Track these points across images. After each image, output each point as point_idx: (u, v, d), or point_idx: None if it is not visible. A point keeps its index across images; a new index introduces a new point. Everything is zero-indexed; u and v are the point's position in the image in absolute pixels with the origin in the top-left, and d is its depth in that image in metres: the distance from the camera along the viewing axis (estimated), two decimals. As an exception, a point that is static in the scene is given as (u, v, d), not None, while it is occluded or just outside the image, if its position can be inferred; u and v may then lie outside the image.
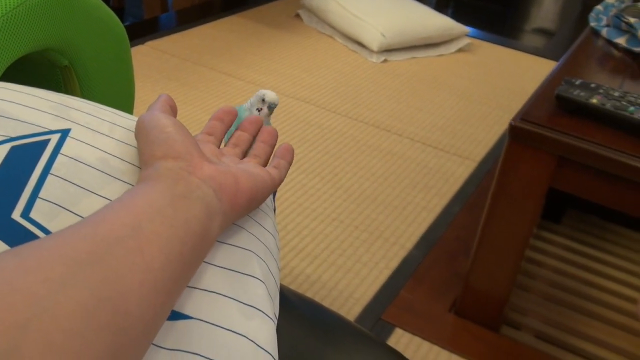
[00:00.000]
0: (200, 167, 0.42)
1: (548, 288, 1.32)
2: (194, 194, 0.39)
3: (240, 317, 0.43)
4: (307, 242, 1.36)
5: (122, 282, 0.30)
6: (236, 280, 0.44)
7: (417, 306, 1.22)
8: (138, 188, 0.38)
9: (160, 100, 0.48)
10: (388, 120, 1.93)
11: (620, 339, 1.22)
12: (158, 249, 0.33)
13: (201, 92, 1.97)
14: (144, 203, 0.36)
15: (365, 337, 0.57)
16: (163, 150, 0.42)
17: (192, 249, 0.37)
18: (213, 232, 0.40)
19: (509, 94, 2.23)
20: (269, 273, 0.49)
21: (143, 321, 0.31)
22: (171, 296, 0.35)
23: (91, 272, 0.29)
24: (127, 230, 0.33)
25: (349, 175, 1.63)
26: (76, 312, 0.27)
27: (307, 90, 2.07)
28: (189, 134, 0.45)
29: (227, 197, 0.42)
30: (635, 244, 1.49)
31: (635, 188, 0.95)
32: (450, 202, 1.57)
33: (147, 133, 0.43)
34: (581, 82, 1.05)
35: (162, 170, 0.40)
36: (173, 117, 0.46)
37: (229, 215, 0.42)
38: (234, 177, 0.43)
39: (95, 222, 0.33)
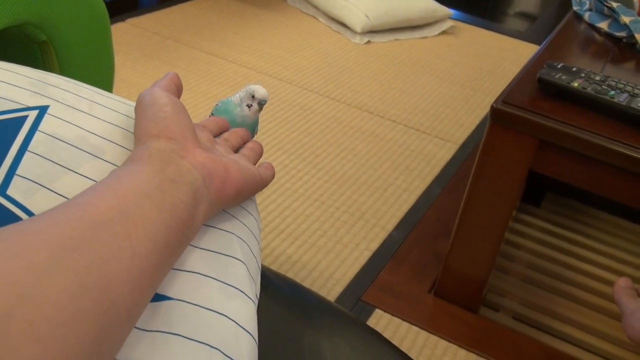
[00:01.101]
0: (193, 152, 0.41)
1: (526, 270, 1.33)
2: (183, 178, 0.38)
3: (221, 297, 0.42)
4: (289, 222, 1.36)
5: (108, 268, 0.29)
6: (218, 261, 0.44)
7: (397, 287, 1.23)
8: (126, 169, 0.37)
9: (167, 77, 0.47)
10: (371, 102, 1.93)
11: (597, 321, 1.23)
12: (145, 234, 0.33)
13: (183, 70, 1.95)
14: (131, 186, 0.35)
15: (344, 317, 0.57)
16: (158, 128, 0.41)
17: (178, 235, 0.36)
18: (198, 220, 0.39)
19: (491, 77, 2.24)
20: (250, 254, 0.48)
21: (127, 308, 0.31)
22: (155, 282, 0.34)
23: (77, 258, 0.28)
24: (114, 213, 0.32)
25: (330, 156, 1.62)
26: (61, 299, 0.26)
27: (289, 70, 2.06)
28: (188, 117, 0.44)
29: (216, 186, 0.41)
30: (613, 228, 1.51)
31: (615, 172, 0.96)
32: (431, 184, 1.57)
33: (145, 109, 0.43)
34: (563, 66, 1.06)
35: (153, 150, 0.39)
36: (174, 97, 0.45)
37: (215, 204, 0.42)
38: (224, 167, 0.43)
39: (82, 205, 0.32)
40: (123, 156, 0.45)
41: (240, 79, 1.95)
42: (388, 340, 0.57)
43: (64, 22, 0.78)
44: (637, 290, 1.04)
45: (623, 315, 0.98)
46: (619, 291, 1.02)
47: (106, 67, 0.90)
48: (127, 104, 0.52)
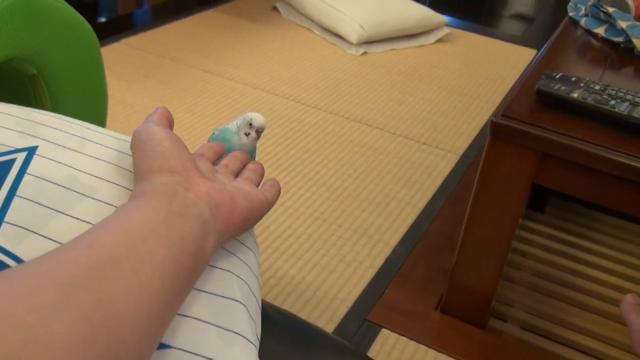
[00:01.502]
0: (197, 183, 0.41)
1: (533, 278, 1.32)
2: (190, 210, 0.38)
3: (220, 344, 0.41)
4: (290, 242, 1.34)
5: (117, 307, 0.29)
6: (216, 304, 0.43)
7: (403, 305, 1.21)
8: (132, 205, 0.37)
9: (157, 112, 0.47)
10: (369, 115, 1.92)
11: (605, 327, 1.22)
12: (152, 270, 0.32)
13: (179, 89, 1.94)
14: (138, 221, 0.34)
15: (347, 352, 0.56)
16: (159, 163, 0.40)
17: (187, 269, 0.35)
18: (207, 252, 0.39)
19: (489, 84, 2.22)
20: (250, 293, 0.47)
21: (137, 348, 0.30)
22: (165, 320, 0.33)
23: (84, 298, 0.28)
24: (121, 250, 0.32)
25: (331, 172, 1.61)
26: (69, 342, 0.26)
27: (286, 85, 2.05)
28: (186, 149, 0.44)
29: (223, 215, 0.41)
30: (619, 232, 1.50)
31: (618, 183, 0.95)
32: (433, 196, 1.56)
33: (143, 146, 0.42)
34: (561, 76, 1.04)
35: (157, 185, 0.39)
36: (170, 131, 0.45)
37: (224, 234, 0.41)
38: (230, 195, 0.42)
39: (88, 243, 0.32)
40: (115, 194, 0.44)
41: (237, 96, 1.94)
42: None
43: (53, 55, 0.77)
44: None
45: (631, 332, 0.97)
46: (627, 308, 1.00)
47: (99, 95, 0.88)
48: (120, 139, 0.51)
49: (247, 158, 0.54)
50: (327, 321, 1.15)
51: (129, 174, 0.46)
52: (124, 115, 1.76)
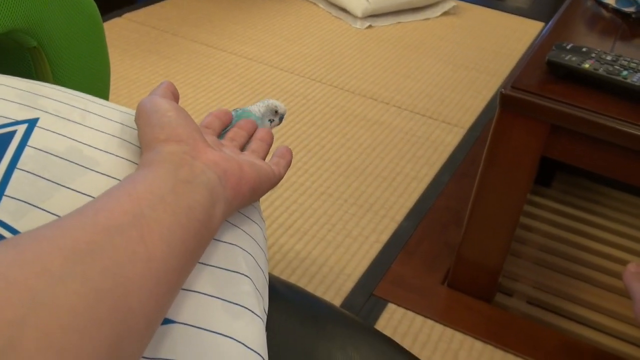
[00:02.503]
0: (204, 152, 0.40)
1: (539, 253, 1.31)
2: (197, 179, 0.37)
3: (226, 317, 0.40)
4: (296, 217, 1.33)
5: (123, 273, 0.29)
6: (221, 278, 0.42)
7: (409, 280, 1.20)
8: (139, 173, 0.36)
9: (162, 86, 0.46)
10: (374, 89, 1.90)
11: (611, 301, 1.21)
12: (160, 237, 0.32)
13: (182, 65, 1.92)
14: (145, 189, 0.34)
15: (357, 326, 0.55)
16: (166, 133, 0.40)
17: (195, 237, 0.35)
18: (216, 220, 0.38)
19: (496, 58, 2.20)
20: (256, 266, 0.46)
21: (144, 314, 0.30)
22: (173, 288, 0.33)
23: (91, 263, 0.28)
24: (128, 218, 0.31)
25: (336, 147, 1.60)
26: (75, 306, 0.26)
27: (291, 59, 2.03)
28: (192, 120, 0.43)
29: (231, 184, 0.40)
30: (625, 206, 1.48)
31: (630, 155, 0.93)
32: (439, 171, 1.54)
33: (149, 116, 0.42)
34: (572, 47, 1.02)
35: (164, 154, 0.38)
36: (175, 102, 0.44)
37: (232, 203, 0.41)
38: (238, 164, 0.42)
39: (95, 210, 0.31)
40: (118, 166, 0.43)
41: (242, 71, 1.92)
42: (403, 348, 0.55)
43: (54, 27, 0.76)
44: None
45: (634, 302, 0.96)
46: (629, 277, 0.99)
47: (101, 69, 0.87)
48: (123, 112, 0.49)
49: (253, 127, 0.52)
50: (333, 296, 1.14)
51: (132, 147, 0.45)
52: (127, 91, 1.74)
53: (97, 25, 0.83)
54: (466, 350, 1.07)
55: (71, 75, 0.80)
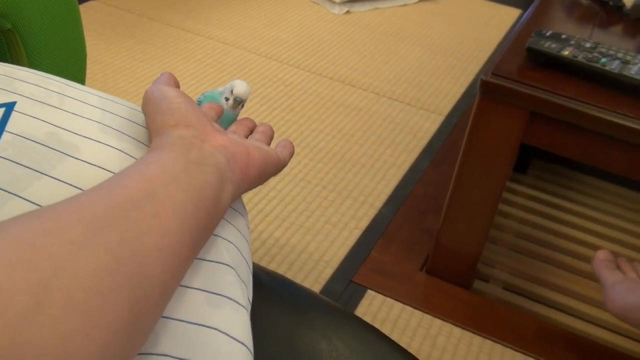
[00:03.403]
0: (213, 136, 0.42)
1: (515, 239, 1.32)
2: (207, 160, 0.39)
3: (209, 308, 0.40)
4: (275, 204, 1.32)
5: (140, 244, 0.30)
6: (203, 269, 0.41)
7: (388, 266, 1.20)
8: (151, 156, 0.38)
9: (164, 76, 0.48)
10: (353, 75, 1.89)
11: (585, 287, 1.23)
12: (174, 213, 0.34)
13: (159, 49, 1.89)
14: (158, 169, 0.36)
15: (340, 314, 0.55)
16: (175, 119, 0.42)
17: (206, 215, 0.37)
18: (225, 200, 0.40)
19: (474, 44, 2.20)
20: (240, 256, 0.46)
21: (160, 283, 0.31)
22: (186, 261, 0.35)
23: (108, 234, 0.29)
24: (143, 194, 0.33)
25: (314, 133, 1.59)
26: (96, 271, 0.27)
27: (268, 44, 2.01)
28: (199, 107, 0.45)
29: (239, 167, 0.42)
30: (599, 192, 1.50)
31: (609, 142, 0.94)
32: (418, 157, 1.55)
33: (157, 103, 0.43)
34: (552, 34, 1.03)
35: (174, 138, 0.40)
36: (180, 90, 0.46)
37: (240, 185, 0.42)
38: (245, 148, 0.43)
39: (111, 187, 0.33)
40: (99, 152, 0.43)
41: (219, 56, 1.90)
42: (385, 336, 0.55)
43: (29, 9, 0.74)
44: (617, 262, 1.03)
45: (603, 288, 0.97)
46: (598, 264, 1.01)
47: (77, 53, 0.85)
48: (101, 96, 0.48)
49: (252, 125, 0.53)
50: (312, 283, 1.14)
51: (112, 131, 0.45)
52: (102, 75, 1.72)
53: (73, 8, 0.81)
54: (445, 336, 1.08)
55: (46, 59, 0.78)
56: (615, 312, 0.93)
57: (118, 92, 1.65)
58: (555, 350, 1.08)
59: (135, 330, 0.29)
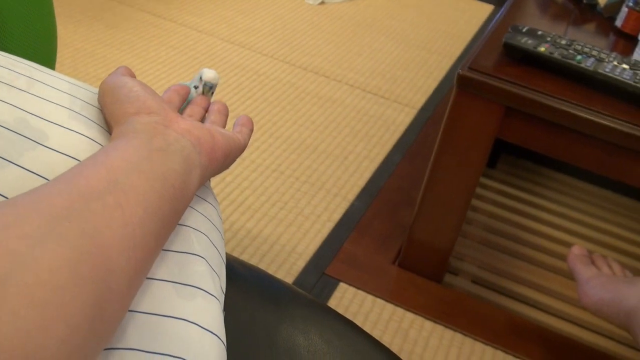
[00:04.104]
0: (177, 122, 0.42)
1: (484, 233, 1.33)
2: (171, 147, 0.38)
3: (178, 299, 0.39)
4: (247, 195, 1.31)
5: (101, 237, 0.30)
6: (172, 260, 0.41)
7: (361, 259, 1.20)
8: (112, 144, 0.37)
9: (120, 69, 0.47)
10: (327, 66, 1.88)
11: (553, 281, 1.24)
12: (136, 203, 0.33)
13: (129, 34, 1.86)
14: (120, 158, 0.35)
15: (317, 307, 0.54)
16: (135, 106, 0.41)
17: (171, 203, 0.36)
18: (192, 186, 0.39)
19: (447, 38, 2.21)
20: (211, 246, 0.45)
21: (124, 275, 0.31)
22: (151, 251, 0.34)
23: (69, 227, 0.29)
24: (104, 185, 0.32)
25: (288, 124, 1.57)
26: (56, 266, 0.27)
27: (242, 33, 1.99)
28: (157, 94, 0.44)
29: (205, 150, 0.42)
30: (568, 189, 1.52)
31: (583, 139, 0.94)
32: (391, 150, 1.54)
33: (115, 93, 0.43)
34: (528, 29, 1.03)
35: (137, 125, 0.39)
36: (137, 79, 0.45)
37: (207, 169, 0.42)
38: (209, 132, 0.43)
39: (70, 178, 0.32)
40: (69, 140, 0.41)
41: (191, 43, 1.87)
42: (363, 330, 0.54)
43: (-4, -13, 0.71)
44: (591, 258, 1.05)
45: (578, 283, 0.99)
46: (573, 259, 1.02)
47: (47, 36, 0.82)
48: (71, 82, 0.47)
49: (207, 102, 0.52)
50: (284, 274, 1.13)
51: (81, 118, 0.43)
52: (72, 59, 1.68)
53: (43, -11, 0.78)
54: (416, 330, 1.08)
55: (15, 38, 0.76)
56: (589, 307, 0.94)
57: (88, 77, 1.61)
58: (524, 344, 1.09)
59: (99, 324, 0.29)
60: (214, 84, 0.54)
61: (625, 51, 1.14)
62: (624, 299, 0.89)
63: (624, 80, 0.93)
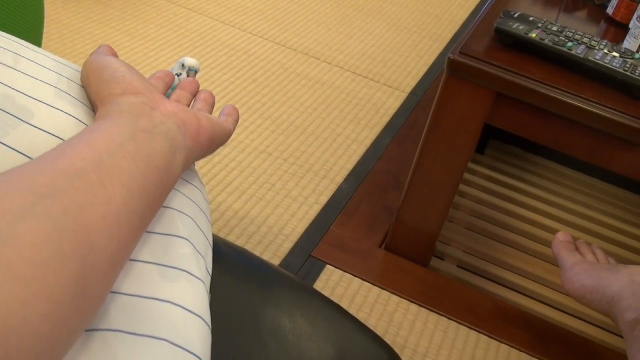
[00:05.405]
0: (163, 103, 0.41)
1: (470, 218, 1.33)
2: (157, 128, 0.38)
3: (162, 281, 0.39)
4: (235, 175, 1.30)
5: (84, 214, 0.30)
6: (155, 242, 0.40)
7: (348, 242, 1.20)
8: (97, 124, 0.37)
9: (102, 47, 0.47)
10: (317, 47, 1.86)
11: (537, 266, 1.25)
12: (120, 182, 0.33)
13: (118, 11, 1.83)
14: (104, 137, 0.35)
15: (302, 290, 0.54)
16: (121, 87, 0.41)
17: (155, 184, 0.36)
18: (176, 168, 0.39)
19: (438, 22, 2.20)
20: (196, 228, 0.45)
21: (107, 254, 0.31)
22: (135, 231, 0.34)
23: (51, 204, 0.29)
24: (87, 163, 0.32)
25: (277, 104, 1.57)
26: (38, 242, 0.27)
27: (232, 12, 1.97)
28: (143, 75, 0.44)
29: (190, 133, 0.41)
30: (555, 175, 1.52)
31: (572, 126, 0.95)
32: (380, 134, 1.54)
33: (100, 72, 0.42)
34: (520, 15, 1.02)
35: (123, 105, 0.39)
36: (122, 60, 0.45)
37: (192, 152, 0.42)
38: (195, 116, 0.43)
39: (54, 157, 0.32)
40: (54, 119, 0.41)
41: (181, 21, 1.85)
42: (348, 313, 0.54)
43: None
44: (575, 244, 1.05)
45: (562, 269, 0.99)
46: (558, 245, 1.03)
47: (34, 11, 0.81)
48: (57, 61, 0.46)
49: (195, 88, 0.52)
50: (271, 256, 1.13)
51: (67, 97, 0.43)
52: (59, 36, 1.65)
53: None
54: (401, 313, 1.08)
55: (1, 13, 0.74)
56: (572, 293, 0.95)
57: (75, 54, 1.59)
58: (508, 329, 1.10)
59: (82, 302, 0.29)
60: (197, 68, 0.54)
61: (615, 39, 1.14)
62: (606, 286, 0.90)
63: (614, 68, 0.93)
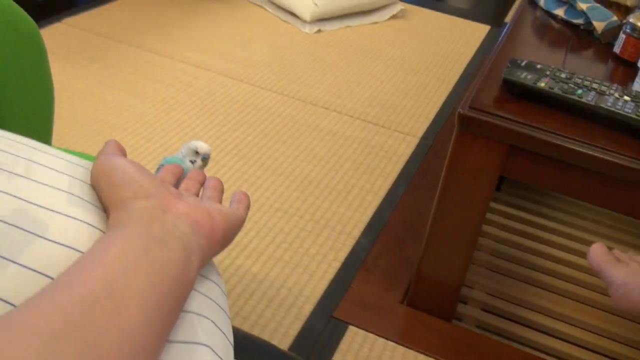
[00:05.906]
0: (174, 204, 0.41)
1: (492, 258, 1.32)
2: (170, 234, 0.38)
3: None
4: (252, 236, 1.30)
5: (101, 347, 0.29)
6: (176, 352, 0.39)
7: (369, 299, 1.19)
8: (109, 237, 0.37)
9: (110, 145, 0.46)
10: (326, 97, 1.87)
11: (564, 306, 1.22)
12: (135, 304, 0.32)
13: (128, 74, 1.86)
14: (117, 254, 0.34)
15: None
16: (132, 190, 0.41)
17: (170, 297, 0.35)
18: (192, 272, 0.39)
19: (445, 62, 2.20)
20: (216, 331, 0.44)
21: None
22: (152, 351, 0.33)
23: (67, 345, 0.28)
24: (101, 287, 0.32)
25: (289, 159, 1.57)
26: None
27: (239, 66, 1.99)
28: (152, 174, 0.44)
29: (205, 232, 0.41)
30: (575, 208, 1.50)
31: (588, 175, 0.94)
32: (394, 183, 1.54)
33: (110, 176, 0.42)
34: (527, 63, 1.02)
35: (134, 211, 0.39)
36: (130, 159, 0.44)
37: (207, 251, 0.41)
38: (207, 212, 0.43)
39: (68, 284, 0.32)
40: (70, 229, 0.40)
41: (190, 80, 1.87)
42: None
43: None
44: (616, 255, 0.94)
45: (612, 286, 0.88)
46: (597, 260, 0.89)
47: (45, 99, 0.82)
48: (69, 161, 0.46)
49: (203, 176, 0.52)
50: (293, 320, 1.12)
51: (80, 202, 0.42)
52: (70, 102, 1.68)
53: (41, 53, 0.78)
54: (428, 371, 1.06)
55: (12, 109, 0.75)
56: (631, 311, 0.86)
57: (87, 119, 1.61)
58: (538, 381, 1.07)
59: None
60: (210, 154, 0.54)
61: (624, 78, 1.13)
62: None
63: (626, 114, 0.92)
